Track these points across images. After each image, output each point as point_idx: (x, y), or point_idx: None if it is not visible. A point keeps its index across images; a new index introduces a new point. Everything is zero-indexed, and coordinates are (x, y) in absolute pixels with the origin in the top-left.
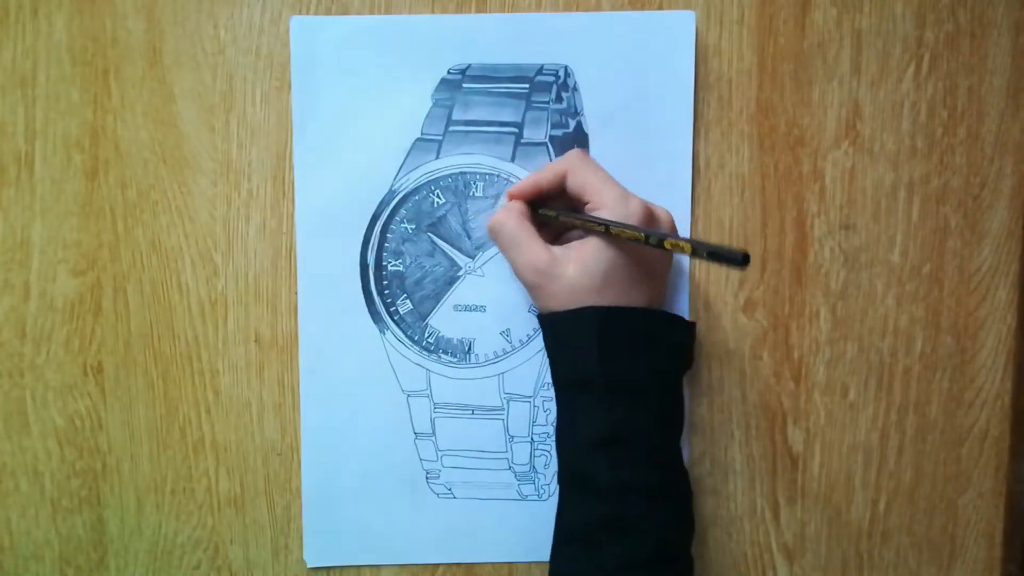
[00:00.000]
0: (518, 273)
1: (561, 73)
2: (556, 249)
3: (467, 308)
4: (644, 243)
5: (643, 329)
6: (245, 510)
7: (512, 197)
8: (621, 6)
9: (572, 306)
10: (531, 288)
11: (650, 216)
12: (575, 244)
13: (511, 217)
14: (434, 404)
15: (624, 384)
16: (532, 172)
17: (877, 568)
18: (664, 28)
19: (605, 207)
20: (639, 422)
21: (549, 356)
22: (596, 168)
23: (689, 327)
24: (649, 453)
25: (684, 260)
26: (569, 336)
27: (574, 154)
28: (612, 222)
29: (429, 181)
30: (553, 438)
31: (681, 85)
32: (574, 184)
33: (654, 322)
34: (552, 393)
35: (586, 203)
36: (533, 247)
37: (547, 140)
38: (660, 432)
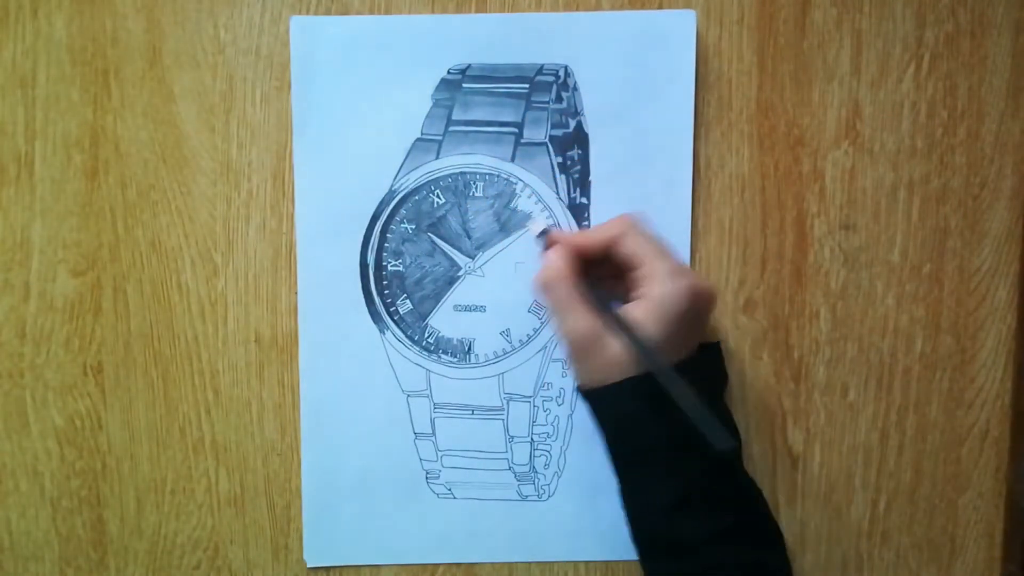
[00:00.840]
0: (561, 337)
1: (561, 73)
2: (602, 321)
3: (467, 308)
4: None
5: (688, 381)
6: (245, 510)
7: (561, 253)
8: (621, 6)
9: (610, 376)
10: (572, 355)
11: (694, 298)
12: (624, 313)
13: (559, 282)
14: (434, 404)
15: (684, 441)
16: (581, 231)
17: (877, 568)
18: (664, 28)
19: (654, 279)
20: (708, 471)
21: (601, 430)
22: (650, 236)
23: (716, 353)
24: (723, 494)
25: (686, 258)
26: (619, 411)
27: (629, 220)
28: (634, 340)
29: (429, 181)
30: (553, 439)
31: (681, 85)
32: (626, 250)
33: (694, 370)
34: (552, 394)
35: (634, 270)
36: (579, 317)
37: (547, 140)
38: (726, 467)
